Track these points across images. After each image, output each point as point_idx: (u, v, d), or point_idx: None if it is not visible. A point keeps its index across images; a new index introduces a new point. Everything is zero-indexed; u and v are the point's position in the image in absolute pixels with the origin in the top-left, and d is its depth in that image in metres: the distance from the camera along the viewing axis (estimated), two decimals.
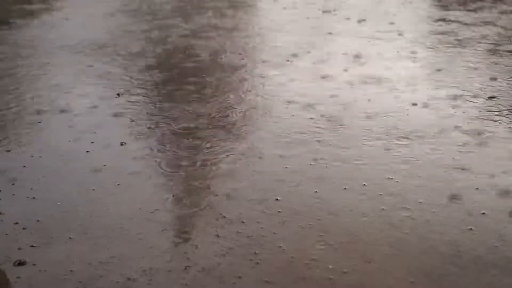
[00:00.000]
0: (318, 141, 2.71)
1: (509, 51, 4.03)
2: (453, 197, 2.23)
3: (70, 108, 3.21)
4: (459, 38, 4.42)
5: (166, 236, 2.03)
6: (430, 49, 4.19)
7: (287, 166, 2.49)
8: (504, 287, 1.76)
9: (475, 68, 3.70)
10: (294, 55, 4.08)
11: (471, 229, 2.03)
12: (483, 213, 2.12)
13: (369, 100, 3.21)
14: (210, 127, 2.91)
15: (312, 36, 4.64)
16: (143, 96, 3.39)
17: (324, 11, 5.39)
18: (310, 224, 2.08)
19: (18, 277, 1.84)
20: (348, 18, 5.18)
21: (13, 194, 2.33)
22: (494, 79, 3.47)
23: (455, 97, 3.20)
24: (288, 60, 3.98)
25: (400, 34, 4.59)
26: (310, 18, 5.25)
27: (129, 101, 3.30)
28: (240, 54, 4.19)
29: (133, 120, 3.02)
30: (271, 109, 3.13)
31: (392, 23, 4.95)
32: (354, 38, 4.54)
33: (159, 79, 3.68)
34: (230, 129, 2.89)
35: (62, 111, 3.17)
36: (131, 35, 4.80)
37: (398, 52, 4.13)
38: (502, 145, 2.65)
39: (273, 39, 4.60)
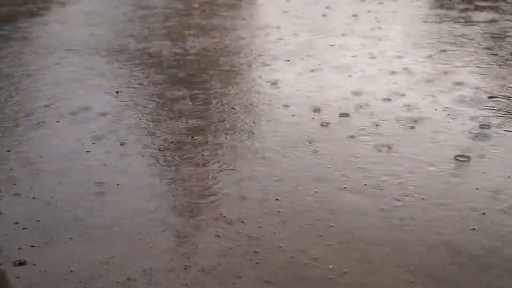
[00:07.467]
0: (319, 140, 2.71)
1: None
2: (453, 197, 2.22)
3: (70, 108, 3.21)
4: None
5: (166, 236, 2.03)
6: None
7: (287, 166, 2.49)
8: (504, 287, 1.76)
9: None
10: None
11: (471, 229, 2.03)
12: (483, 213, 2.12)
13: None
14: (210, 126, 2.91)
15: None
16: (143, 95, 3.38)
17: None
18: (310, 224, 2.08)
19: (18, 277, 1.84)
20: None
21: (13, 194, 2.33)
22: None
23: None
24: (288, 60, 3.99)
25: None
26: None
27: (129, 100, 3.30)
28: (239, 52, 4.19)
29: (133, 120, 3.01)
30: (272, 107, 3.13)
31: None
32: None
33: (160, 78, 3.68)
34: (230, 128, 2.89)
35: (62, 111, 3.17)
36: (131, 34, 4.80)
37: None
38: None
39: None
